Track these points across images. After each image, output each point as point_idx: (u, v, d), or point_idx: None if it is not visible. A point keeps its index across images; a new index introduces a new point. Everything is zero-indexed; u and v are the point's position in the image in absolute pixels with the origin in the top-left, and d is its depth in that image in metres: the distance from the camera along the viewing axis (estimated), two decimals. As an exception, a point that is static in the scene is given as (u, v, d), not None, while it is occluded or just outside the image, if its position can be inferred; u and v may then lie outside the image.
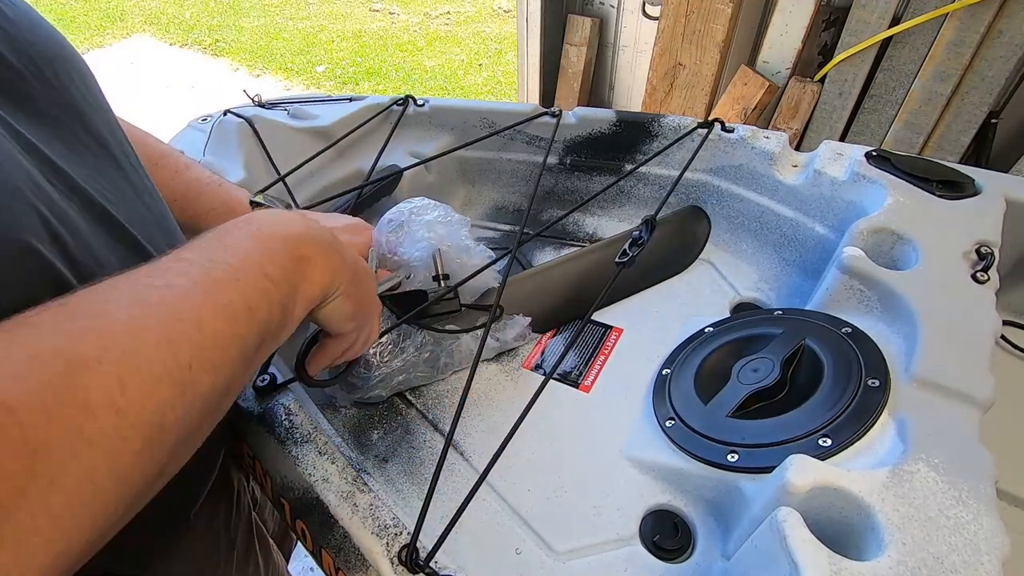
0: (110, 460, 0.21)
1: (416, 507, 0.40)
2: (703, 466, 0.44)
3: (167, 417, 0.24)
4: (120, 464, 0.22)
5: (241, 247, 0.31)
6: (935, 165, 0.59)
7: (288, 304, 0.32)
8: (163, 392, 0.24)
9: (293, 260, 0.33)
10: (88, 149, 0.36)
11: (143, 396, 0.23)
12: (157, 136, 0.56)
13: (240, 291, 0.29)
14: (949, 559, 0.30)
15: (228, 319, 0.28)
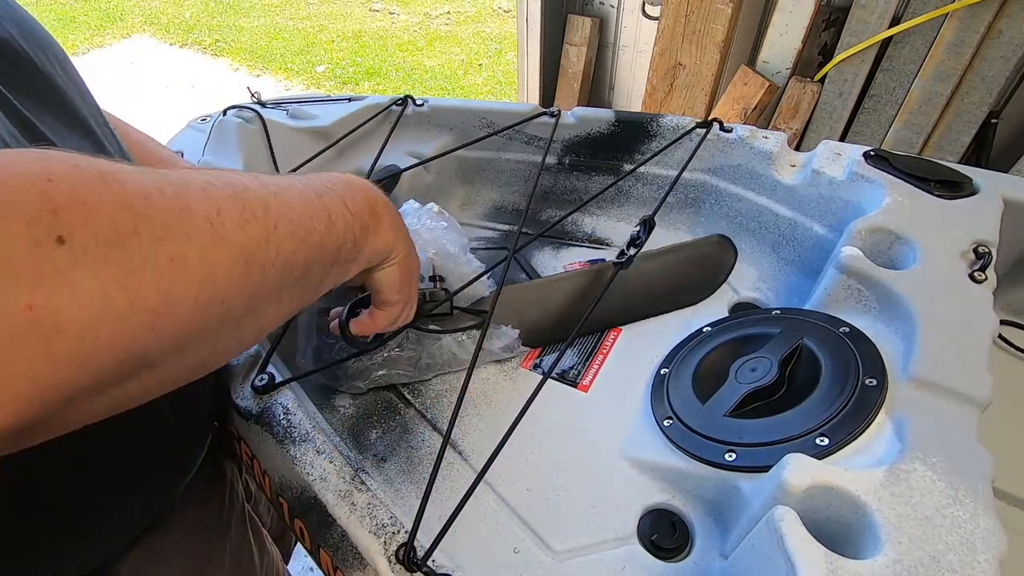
0: (201, 256, 0.24)
1: (414, 506, 0.40)
2: (701, 465, 0.44)
3: (251, 252, 0.26)
4: (209, 263, 0.24)
5: (330, 179, 0.36)
6: (933, 165, 0.59)
7: (359, 241, 0.36)
8: (251, 231, 0.27)
9: (370, 208, 0.37)
10: (71, 130, 0.38)
11: (234, 225, 0.26)
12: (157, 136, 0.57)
13: (324, 202, 0.33)
14: (946, 558, 0.30)
15: (312, 213, 0.32)
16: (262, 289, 0.28)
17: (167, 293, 0.22)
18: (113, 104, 0.42)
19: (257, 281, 0.27)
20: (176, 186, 0.24)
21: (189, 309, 0.23)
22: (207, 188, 0.26)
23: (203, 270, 0.24)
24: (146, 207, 0.22)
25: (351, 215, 0.35)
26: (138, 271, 0.21)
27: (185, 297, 0.23)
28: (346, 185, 0.37)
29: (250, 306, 0.27)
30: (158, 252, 0.22)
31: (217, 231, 0.25)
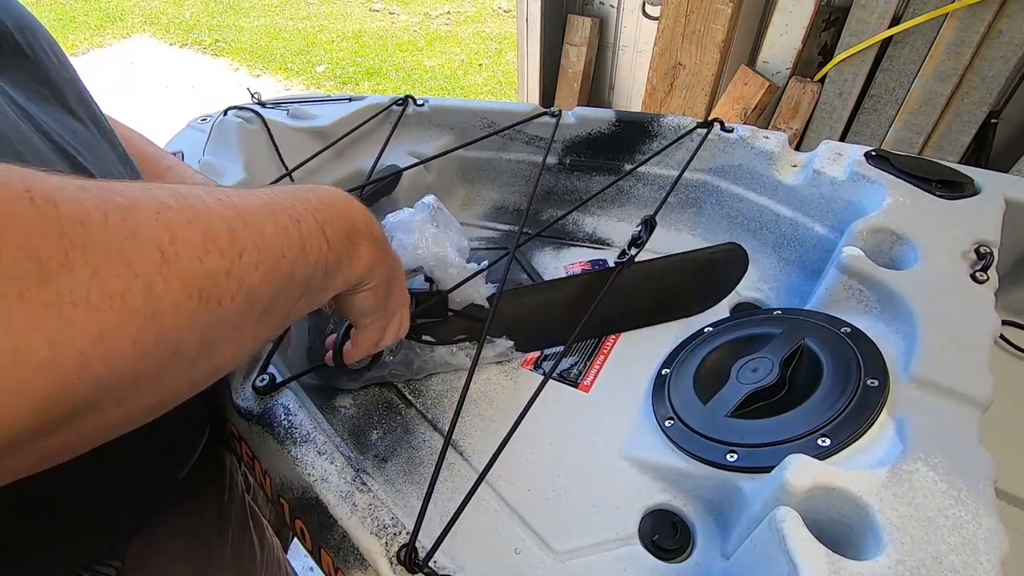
0: (146, 291, 0.21)
1: (415, 507, 0.40)
2: (702, 466, 0.44)
3: (208, 286, 0.24)
4: (155, 300, 0.21)
5: (310, 202, 0.33)
6: (934, 165, 0.59)
7: (332, 271, 0.34)
8: (211, 261, 0.24)
9: (347, 235, 0.35)
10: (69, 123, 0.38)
11: (191, 254, 0.23)
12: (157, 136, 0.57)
13: (299, 229, 0.30)
14: (948, 559, 0.30)
15: (284, 241, 0.29)
16: (218, 326, 0.25)
17: (100, 336, 0.19)
18: (113, 104, 0.43)
19: (213, 319, 0.24)
20: (124, 208, 0.21)
21: (127, 352, 0.21)
22: (162, 211, 0.23)
23: (147, 307, 0.21)
24: (81, 234, 0.19)
25: (327, 244, 0.33)
26: (64, 311, 0.18)
27: (123, 339, 0.20)
28: (327, 207, 0.34)
29: (204, 345, 0.25)
30: (91, 288, 0.19)
31: (169, 262, 0.22)
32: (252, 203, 0.28)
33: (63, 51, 0.41)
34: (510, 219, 0.83)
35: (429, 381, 0.58)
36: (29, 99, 0.36)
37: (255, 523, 0.59)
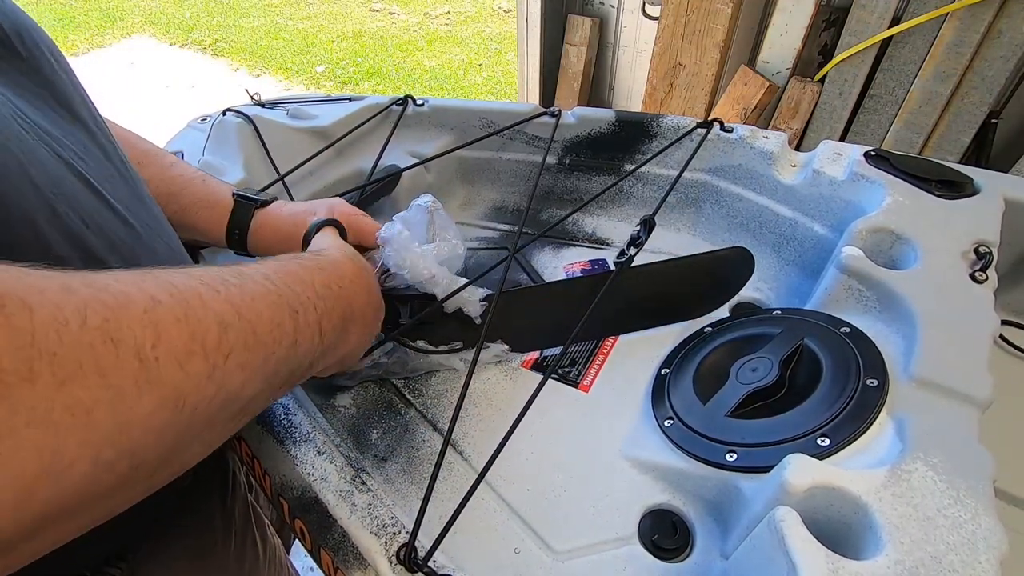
0: (116, 403, 0.19)
1: (415, 506, 0.40)
2: (702, 466, 0.44)
3: (185, 393, 0.22)
4: (124, 412, 0.20)
5: (314, 287, 0.33)
6: (934, 165, 0.59)
7: (316, 361, 0.34)
8: (194, 366, 0.23)
9: (342, 326, 0.35)
10: (67, 124, 0.38)
11: (172, 360, 0.22)
12: (157, 136, 0.57)
13: (296, 323, 0.30)
14: (947, 558, 0.30)
15: (277, 338, 0.28)
16: (189, 432, 0.23)
17: (56, 454, 0.18)
18: (113, 104, 0.43)
19: (184, 426, 0.23)
20: (109, 308, 0.20)
21: (84, 471, 0.19)
22: (151, 309, 0.21)
23: (114, 422, 0.19)
24: (55, 342, 0.18)
25: (319, 337, 0.32)
26: (16, 432, 0.17)
27: (81, 460, 0.19)
28: (330, 292, 0.33)
29: (169, 454, 0.23)
30: (55, 401, 0.18)
31: (147, 369, 0.21)
32: (253, 292, 0.28)
33: (62, 54, 0.41)
34: (510, 219, 0.83)
35: (429, 381, 0.58)
36: (29, 103, 0.36)
37: (257, 523, 0.60)
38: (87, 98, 0.42)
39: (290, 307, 0.30)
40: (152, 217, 0.43)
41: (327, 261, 0.36)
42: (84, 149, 0.38)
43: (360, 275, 0.39)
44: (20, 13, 0.39)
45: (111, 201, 0.37)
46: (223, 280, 0.26)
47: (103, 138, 0.42)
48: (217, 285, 0.26)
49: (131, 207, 0.40)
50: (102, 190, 0.37)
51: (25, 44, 0.37)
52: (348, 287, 0.36)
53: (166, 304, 0.22)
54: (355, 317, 0.37)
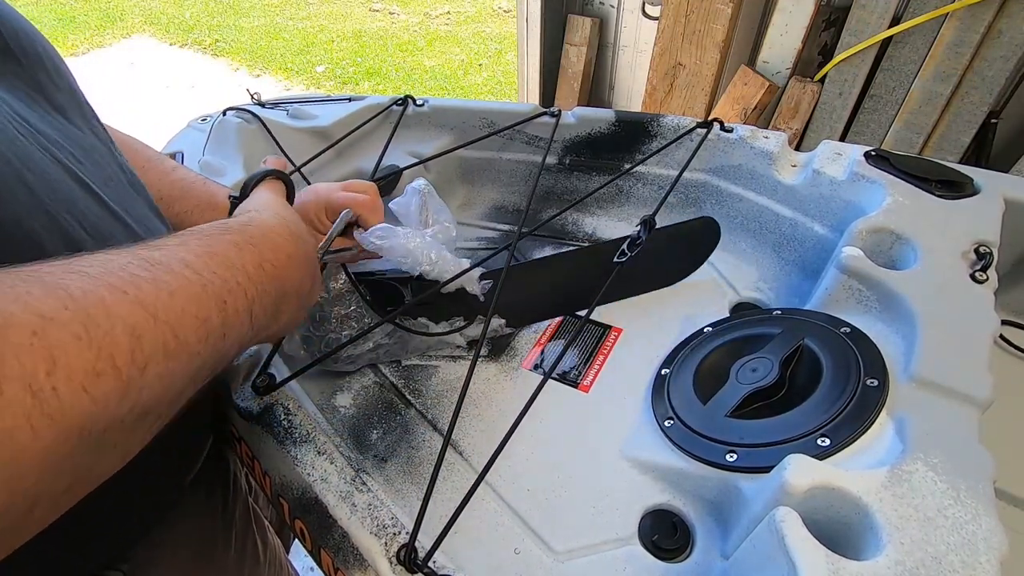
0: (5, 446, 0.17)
1: (415, 507, 0.40)
2: (702, 466, 0.44)
3: (95, 419, 0.20)
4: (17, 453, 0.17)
5: (246, 270, 0.29)
6: (934, 165, 0.59)
7: (245, 346, 0.31)
8: (102, 388, 0.20)
9: (274, 307, 0.32)
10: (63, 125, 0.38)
11: (73, 386, 0.19)
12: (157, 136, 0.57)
13: (225, 314, 0.27)
14: (947, 559, 0.30)
15: (202, 335, 0.25)
16: (97, 456, 0.21)
17: None
18: (113, 104, 0.43)
19: (92, 452, 0.20)
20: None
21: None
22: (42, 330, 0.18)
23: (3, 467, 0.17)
24: None
25: (250, 323, 0.29)
26: None
27: None
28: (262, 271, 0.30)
29: (74, 482, 0.21)
30: None
31: (42, 402, 0.18)
32: (170, 286, 0.24)
33: (60, 56, 0.41)
34: (510, 219, 0.83)
35: (429, 381, 0.58)
36: (27, 106, 0.36)
37: (258, 525, 0.60)
38: (85, 101, 0.42)
39: (217, 297, 0.26)
40: (151, 220, 0.43)
41: (259, 233, 0.32)
42: (83, 152, 0.38)
43: (297, 245, 0.35)
44: (17, 16, 0.38)
45: (110, 205, 0.37)
46: (131, 276, 0.23)
47: (101, 141, 0.41)
48: (124, 285, 0.22)
49: (131, 210, 0.40)
50: (101, 194, 0.37)
51: (23, 47, 0.37)
52: (284, 264, 0.33)
53: (59, 320, 0.19)
54: (289, 294, 0.34)
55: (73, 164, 0.36)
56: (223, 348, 0.27)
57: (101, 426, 0.20)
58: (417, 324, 0.57)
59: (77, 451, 0.20)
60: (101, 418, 0.20)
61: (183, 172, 0.57)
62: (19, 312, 0.18)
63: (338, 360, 0.55)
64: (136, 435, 0.23)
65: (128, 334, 0.21)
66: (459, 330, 0.58)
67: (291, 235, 0.35)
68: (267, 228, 0.33)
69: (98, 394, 0.20)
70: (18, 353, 0.18)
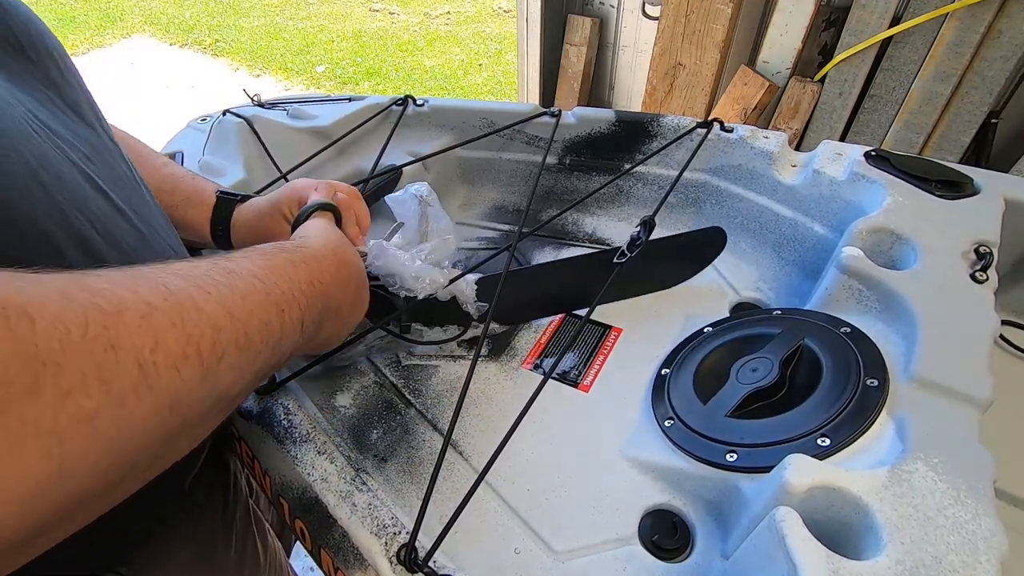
0: (117, 411, 0.20)
1: (415, 507, 0.40)
2: (702, 466, 0.44)
3: (180, 398, 0.23)
4: (126, 419, 0.20)
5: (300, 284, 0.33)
6: (934, 165, 0.59)
7: (295, 352, 0.35)
8: (189, 370, 0.23)
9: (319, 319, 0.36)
10: (73, 123, 0.38)
11: (169, 364, 0.22)
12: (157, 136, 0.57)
13: (282, 321, 0.30)
14: (947, 559, 0.30)
15: (265, 337, 0.29)
16: (181, 430, 0.24)
17: (60, 461, 0.18)
18: (113, 104, 0.43)
19: (178, 426, 0.23)
20: (108, 315, 0.20)
21: (85, 475, 0.19)
22: (148, 314, 0.22)
23: (116, 428, 0.20)
24: (59, 352, 0.18)
25: (301, 332, 0.33)
26: (26, 440, 0.17)
27: (83, 463, 0.19)
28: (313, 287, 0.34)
29: (161, 454, 0.24)
30: (60, 411, 0.18)
31: (146, 374, 0.21)
32: (243, 291, 0.28)
33: (68, 56, 0.41)
34: (510, 219, 0.83)
35: (429, 381, 0.58)
36: (41, 105, 0.36)
37: (258, 526, 0.59)
38: (92, 100, 0.42)
39: (277, 305, 0.30)
40: (156, 219, 0.43)
41: (309, 253, 0.36)
42: (92, 151, 0.38)
43: (340, 269, 0.39)
44: (30, 14, 0.39)
45: (119, 204, 0.37)
46: (213, 280, 0.26)
47: (109, 140, 0.42)
48: (208, 286, 0.26)
49: (138, 210, 0.40)
50: (110, 193, 0.37)
51: (34, 44, 0.38)
52: (329, 283, 0.36)
53: (162, 309, 0.22)
54: (330, 312, 0.37)
55: (84, 163, 0.36)
56: (279, 350, 0.31)
57: (186, 404, 0.23)
58: (410, 330, 0.57)
59: (167, 425, 0.22)
60: (186, 397, 0.23)
61: (173, 167, 0.58)
62: (131, 297, 0.22)
63: (332, 358, 0.55)
64: (208, 422, 0.27)
65: (211, 327, 0.25)
66: (454, 339, 0.58)
67: (335, 258, 0.39)
68: (315, 250, 0.38)
69: (186, 374, 0.23)
70: (130, 331, 0.21)
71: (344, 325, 0.41)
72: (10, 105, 0.32)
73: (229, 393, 0.27)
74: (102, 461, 0.20)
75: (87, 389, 0.19)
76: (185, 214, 0.55)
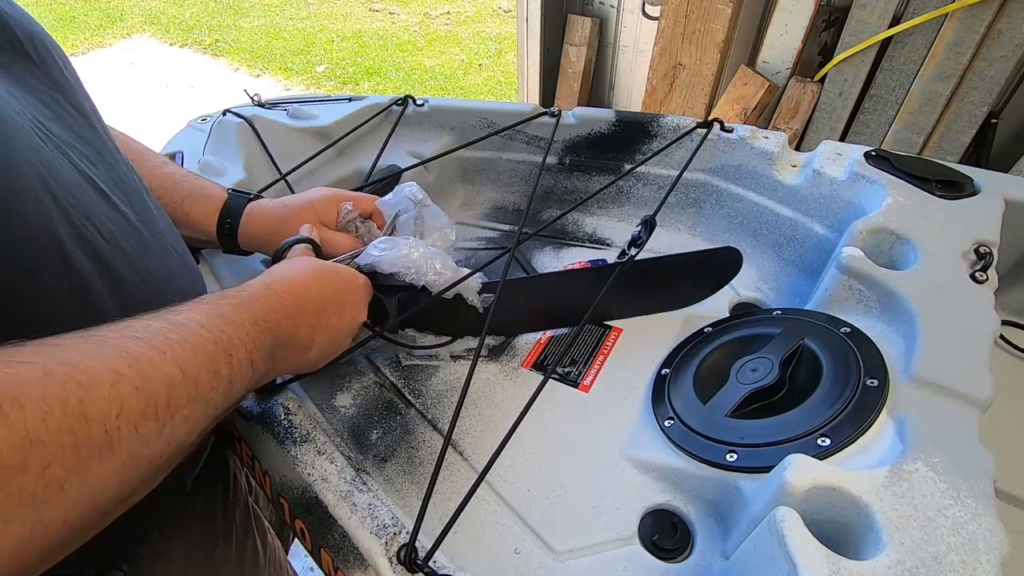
0: (83, 473, 0.22)
1: (415, 507, 0.40)
2: (702, 466, 0.44)
3: (140, 452, 0.25)
4: (92, 481, 0.23)
5: (244, 328, 0.35)
6: (934, 165, 0.59)
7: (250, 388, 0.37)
8: (147, 428, 0.25)
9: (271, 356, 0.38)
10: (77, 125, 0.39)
11: (130, 426, 0.24)
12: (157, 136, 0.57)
13: (231, 367, 0.32)
14: (947, 558, 0.30)
15: (216, 386, 0.31)
16: (139, 481, 0.26)
17: (37, 523, 0.20)
18: (113, 104, 0.43)
19: (139, 477, 0.26)
20: (82, 386, 0.23)
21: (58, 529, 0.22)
22: (116, 383, 0.24)
23: (81, 489, 0.22)
24: (43, 431, 0.21)
25: (251, 371, 0.35)
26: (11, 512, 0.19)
27: (55, 520, 0.21)
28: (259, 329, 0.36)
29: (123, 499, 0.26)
30: (39, 482, 0.20)
31: (111, 438, 0.23)
32: (194, 346, 0.30)
33: (69, 59, 0.42)
34: (510, 219, 0.83)
35: (429, 381, 0.58)
36: (46, 108, 0.36)
37: (257, 525, 0.60)
38: (92, 103, 0.43)
39: (225, 352, 0.32)
40: (156, 220, 0.43)
41: (247, 296, 0.38)
42: (96, 154, 0.38)
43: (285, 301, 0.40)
44: (30, 19, 0.39)
45: (121, 207, 0.38)
46: (166, 339, 0.29)
47: (109, 143, 0.42)
48: (163, 346, 0.28)
49: (139, 211, 0.40)
50: (113, 197, 0.37)
51: (37, 50, 0.38)
52: (273, 319, 0.38)
53: (127, 376, 0.25)
54: (283, 343, 0.39)
55: (88, 167, 0.36)
56: (231, 392, 0.33)
57: (145, 458, 0.26)
58: (404, 336, 0.57)
59: (127, 479, 0.25)
60: (143, 451, 0.25)
61: (173, 167, 0.58)
62: (100, 368, 0.24)
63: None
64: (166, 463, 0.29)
65: (166, 386, 0.27)
66: (445, 344, 0.58)
67: (275, 294, 0.40)
68: (252, 292, 0.39)
69: (144, 433, 0.25)
70: (102, 401, 0.23)
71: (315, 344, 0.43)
72: (19, 114, 0.32)
73: (184, 442, 0.29)
74: (70, 516, 0.22)
75: (63, 459, 0.21)
76: (190, 210, 0.55)
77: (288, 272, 0.44)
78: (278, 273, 0.43)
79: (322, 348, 0.44)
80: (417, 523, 0.38)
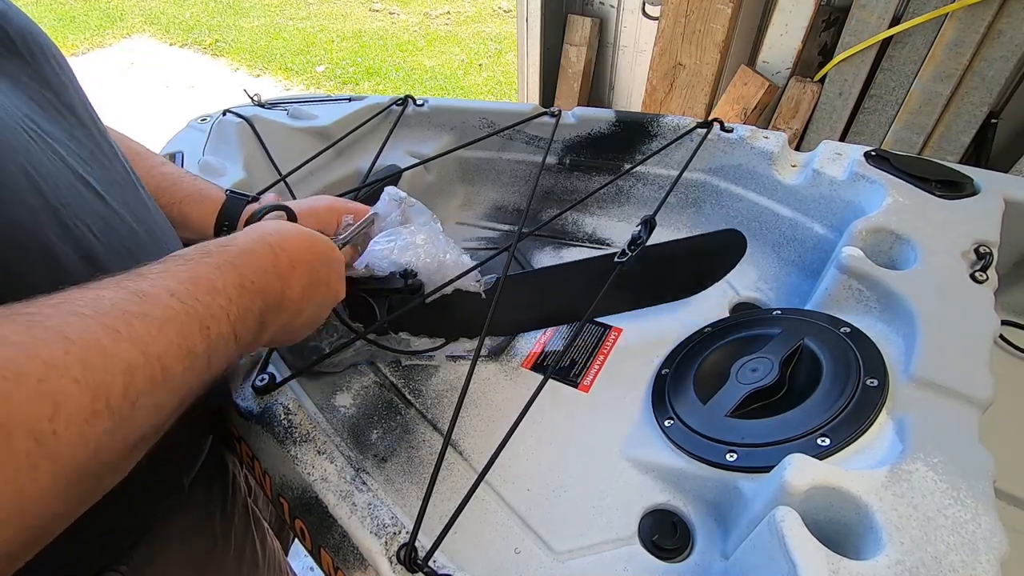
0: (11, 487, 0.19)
1: (415, 506, 0.40)
2: (702, 466, 0.44)
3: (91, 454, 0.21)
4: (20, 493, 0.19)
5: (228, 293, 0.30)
6: (934, 165, 0.59)
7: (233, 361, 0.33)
8: (99, 424, 0.21)
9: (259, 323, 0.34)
10: (69, 125, 0.38)
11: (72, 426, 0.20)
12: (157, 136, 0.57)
13: (208, 340, 0.28)
14: (947, 558, 0.30)
15: (189, 364, 0.26)
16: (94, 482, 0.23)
17: None
18: (113, 104, 0.43)
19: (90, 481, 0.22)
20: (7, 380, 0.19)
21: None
22: (46, 377, 0.20)
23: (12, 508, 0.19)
24: None
25: (235, 343, 0.30)
26: None
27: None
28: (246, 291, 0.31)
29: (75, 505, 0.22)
30: None
31: (43, 446, 0.19)
32: (159, 319, 0.25)
33: (63, 57, 0.41)
34: (510, 219, 0.83)
35: (429, 381, 0.58)
36: (37, 107, 0.36)
37: (256, 526, 0.60)
38: (87, 102, 0.42)
39: (200, 324, 0.27)
40: (154, 219, 0.43)
41: (236, 252, 0.33)
42: (89, 154, 0.38)
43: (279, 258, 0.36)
44: (23, 16, 0.39)
45: (115, 207, 0.37)
46: (124, 313, 0.24)
47: (104, 142, 0.42)
48: (117, 323, 0.23)
49: (135, 211, 0.40)
50: (106, 196, 0.37)
51: (29, 48, 0.37)
52: (263, 278, 0.34)
53: (60, 366, 0.20)
54: (272, 308, 0.35)
55: (80, 166, 0.36)
56: (207, 372, 0.28)
57: (97, 459, 0.21)
58: (397, 339, 0.57)
59: (75, 485, 0.21)
60: (95, 452, 0.21)
61: (171, 167, 0.57)
62: (26, 362, 0.19)
63: (321, 364, 0.55)
64: (130, 458, 0.25)
65: (121, 371, 0.22)
66: (439, 348, 0.58)
67: (270, 249, 0.36)
68: (242, 247, 0.35)
69: (94, 433, 0.21)
70: (27, 402, 0.19)
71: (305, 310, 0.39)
72: (8, 113, 0.31)
73: (154, 427, 0.25)
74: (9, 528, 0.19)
75: None
76: (188, 211, 0.55)
77: (282, 226, 0.40)
78: (273, 227, 0.39)
79: (311, 315, 0.41)
80: (417, 523, 0.38)
